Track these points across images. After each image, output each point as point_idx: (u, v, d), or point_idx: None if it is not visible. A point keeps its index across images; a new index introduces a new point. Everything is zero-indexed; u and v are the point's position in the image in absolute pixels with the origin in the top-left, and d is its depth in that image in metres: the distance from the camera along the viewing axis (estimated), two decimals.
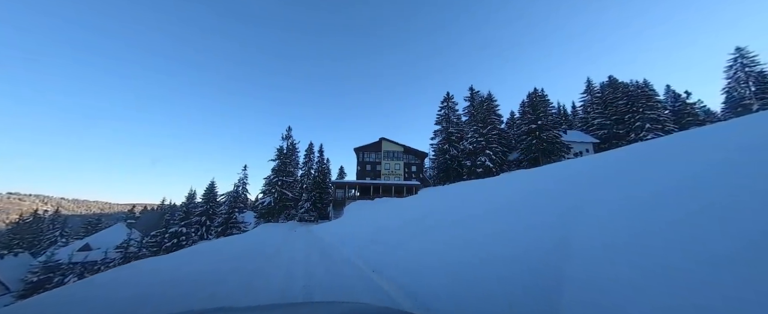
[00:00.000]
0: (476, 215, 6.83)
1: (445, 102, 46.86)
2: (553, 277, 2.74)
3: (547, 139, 32.72)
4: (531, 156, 34.21)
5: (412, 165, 40.99)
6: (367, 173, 39.54)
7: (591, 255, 2.77)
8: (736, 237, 2.08)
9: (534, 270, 3.04)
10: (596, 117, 43.62)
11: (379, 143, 40.48)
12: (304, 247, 10.68)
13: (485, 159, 35.16)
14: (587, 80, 48.26)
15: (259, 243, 12.40)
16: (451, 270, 4.06)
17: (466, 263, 4.09)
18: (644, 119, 36.98)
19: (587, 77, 48.33)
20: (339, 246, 10.45)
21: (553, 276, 2.76)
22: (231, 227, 28.87)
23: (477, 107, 42.26)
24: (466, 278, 3.62)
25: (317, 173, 54.71)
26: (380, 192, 34.42)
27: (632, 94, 39.14)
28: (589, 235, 3.20)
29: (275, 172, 31.07)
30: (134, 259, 24.74)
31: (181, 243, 25.47)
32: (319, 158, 56.49)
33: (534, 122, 33.69)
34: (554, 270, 2.85)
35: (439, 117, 47.36)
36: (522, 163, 36.54)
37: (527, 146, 33.95)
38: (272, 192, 29.91)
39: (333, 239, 13.12)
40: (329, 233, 15.14)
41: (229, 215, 29.30)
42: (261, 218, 30.48)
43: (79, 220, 53.69)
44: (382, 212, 21.06)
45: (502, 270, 3.37)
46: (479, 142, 36.20)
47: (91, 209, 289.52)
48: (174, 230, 25.53)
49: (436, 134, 49.97)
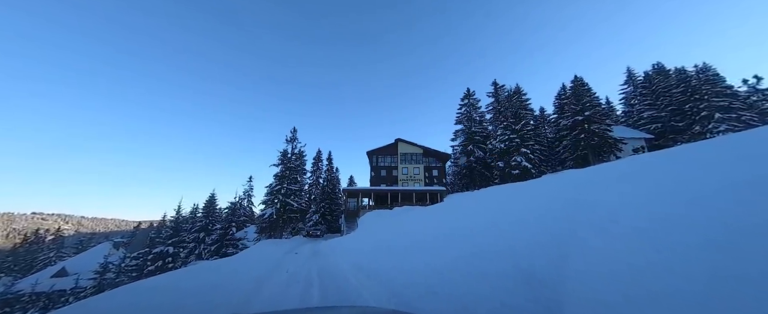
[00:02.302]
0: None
1: (465, 99, 42.29)
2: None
3: (598, 132, 27.35)
4: (578, 154, 28.76)
5: (433, 169, 36.11)
6: (381, 180, 34.92)
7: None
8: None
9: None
10: (644, 109, 37.81)
11: (394, 145, 36.00)
12: (301, 289, 6.12)
13: (521, 159, 29.96)
14: (627, 69, 42.78)
15: (232, 276, 7.90)
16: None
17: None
18: (712, 108, 31.08)
19: (627, 67, 42.88)
20: (358, 285, 5.82)
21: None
22: (227, 245, 24.65)
23: (504, 102, 37.42)
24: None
25: (326, 183, 50.55)
26: (399, 200, 29.61)
27: (691, 80, 33.42)
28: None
29: (278, 179, 26.91)
30: (110, 287, 20.66)
31: (166, 265, 21.37)
32: (328, 167, 52.40)
33: (580, 113, 28.46)
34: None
35: (460, 116, 42.69)
36: (566, 162, 31.08)
37: (574, 141, 28.60)
38: (274, 203, 25.65)
39: (345, 263, 8.52)
40: (342, 252, 10.55)
41: (225, 231, 25.13)
42: (262, 233, 26.09)
43: (74, 240, 50.97)
44: (409, 224, 16.25)
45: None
46: (512, 140, 31.13)
47: (108, 227, 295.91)
48: (159, 251, 21.51)
49: (457, 135, 45.17)
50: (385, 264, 7.03)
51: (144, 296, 5.73)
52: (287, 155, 28.72)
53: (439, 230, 9.08)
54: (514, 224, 5.17)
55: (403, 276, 5.39)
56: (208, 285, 6.73)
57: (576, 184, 6.77)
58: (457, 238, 6.40)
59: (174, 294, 5.78)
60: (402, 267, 6.05)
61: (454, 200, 26.98)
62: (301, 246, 17.61)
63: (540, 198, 6.53)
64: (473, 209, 11.38)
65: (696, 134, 31.98)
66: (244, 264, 10.27)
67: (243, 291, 6.01)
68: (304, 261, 10.06)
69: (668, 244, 2.48)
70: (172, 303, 5.20)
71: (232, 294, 5.83)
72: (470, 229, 6.59)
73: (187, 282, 7.13)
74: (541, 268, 3.21)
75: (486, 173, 37.80)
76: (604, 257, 2.82)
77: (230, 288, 6.38)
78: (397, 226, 17.30)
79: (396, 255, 7.61)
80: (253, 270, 8.73)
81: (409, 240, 9.19)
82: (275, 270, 8.97)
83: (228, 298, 5.43)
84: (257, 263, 10.43)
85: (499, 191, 21.92)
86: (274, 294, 5.88)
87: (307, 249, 15.15)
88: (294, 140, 29.83)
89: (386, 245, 9.43)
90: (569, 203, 4.75)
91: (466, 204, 19.18)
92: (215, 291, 6.01)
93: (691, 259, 2.19)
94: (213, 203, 36.51)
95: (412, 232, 11.30)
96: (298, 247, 16.21)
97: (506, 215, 6.29)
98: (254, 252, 13.80)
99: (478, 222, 6.97)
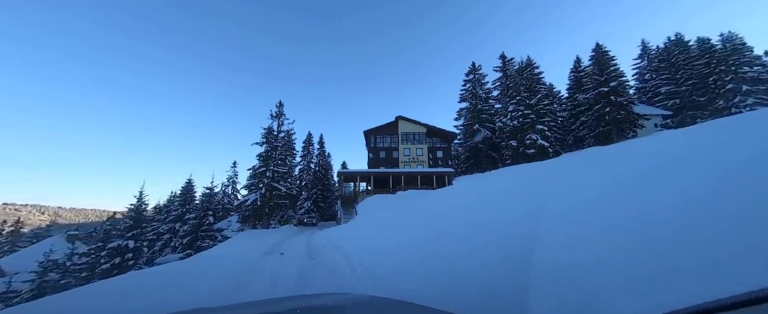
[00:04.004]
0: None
1: (470, 74, 38.70)
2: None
3: (626, 105, 24.47)
4: (600, 130, 25.93)
5: (437, 150, 32.82)
6: (381, 162, 31.45)
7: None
8: None
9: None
10: (661, 84, 35.27)
11: (394, 123, 32.34)
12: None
13: (537, 137, 26.98)
14: (641, 42, 39.93)
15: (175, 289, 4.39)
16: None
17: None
18: (738, 81, 28.65)
19: (641, 40, 39.99)
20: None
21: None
22: (202, 237, 20.96)
23: (514, 76, 34.03)
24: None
25: (318, 168, 46.71)
26: (402, 184, 26.31)
27: (716, 51, 30.78)
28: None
29: (262, 159, 22.98)
30: (53, 290, 16.76)
31: (126, 262, 17.59)
32: (319, 150, 48.40)
33: (604, 84, 25.40)
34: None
35: (464, 93, 39.20)
36: (584, 141, 28.32)
37: (597, 116, 25.65)
38: (258, 187, 21.86)
39: (358, 268, 5.12)
40: (348, 249, 7.13)
41: (201, 221, 21.32)
42: (244, 222, 22.42)
43: (35, 232, 45.84)
44: (424, 211, 12.92)
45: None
46: (526, 116, 28.00)
47: (89, 217, 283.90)
48: (116, 246, 17.61)
49: (461, 114, 41.82)
50: (420, 270, 3.80)
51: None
52: (273, 132, 24.66)
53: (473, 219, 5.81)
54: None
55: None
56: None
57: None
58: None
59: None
60: (448, 279, 2.89)
61: (467, 183, 23.91)
62: (290, 238, 14.11)
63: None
64: (506, 194, 8.12)
65: (719, 109, 29.69)
66: (186, 274, 6.69)
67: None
68: (294, 269, 6.56)
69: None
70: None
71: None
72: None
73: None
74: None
75: (493, 155, 34.90)
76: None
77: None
78: (409, 214, 13.98)
79: (428, 255, 4.34)
80: (217, 271, 5.17)
81: (434, 232, 5.90)
82: (245, 281, 5.46)
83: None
84: (206, 275, 6.85)
85: (526, 170, 18.76)
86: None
87: (299, 243, 11.66)
88: (280, 116, 25.70)
89: (406, 240, 6.12)
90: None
91: (487, 187, 16.02)
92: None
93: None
94: (190, 190, 32.27)
95: (433, 221, 7.97)
96: (286, 241, 12.69)
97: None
98: (222, 250, 10.23)
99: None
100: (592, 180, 5.52)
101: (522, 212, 4.86)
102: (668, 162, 4.56)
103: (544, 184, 7.63)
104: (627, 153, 8.27)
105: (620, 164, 6.24)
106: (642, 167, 4.89)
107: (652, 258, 2.07)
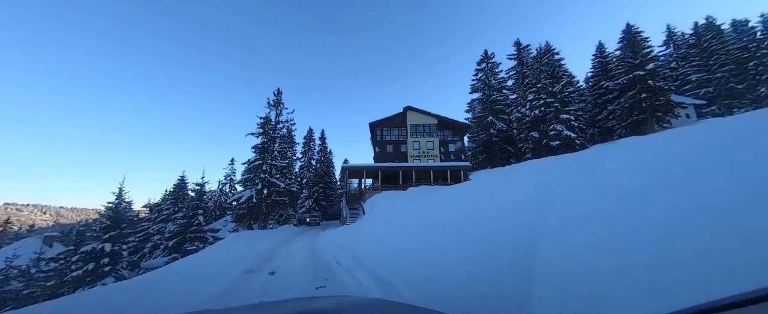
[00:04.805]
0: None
1: (482, 63, 36.09)
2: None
3: (666, 90, 21.85)
4: (634, 119, 23.30)
5: (449, 143, 30.31)
6: (387, 157, 28.99)
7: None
8: None
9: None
10: (691, 72, 32.55)
11: (403, 114, 29.84)
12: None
13: (562, 127, 24.42)
14: (667, 28, 37.17)
15: None
16: None
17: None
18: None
19: (666, 25, 37.23)
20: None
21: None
22: (192, 239, 18.58)
23: (532, 63, 31.43)
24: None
25: (319, 164, 44.27)
26: (413, 180, 23.87)
27: (756, 33, 28.07)
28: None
29: (259, 152, 20.54)
30: (12, 301, 14.43)
31: (101, 267, 15.26)
32: (321, 147, 45.97)
33: (639, 67, 22.77)
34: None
35: (476, 83, 36.62)
36: (614, 132, 25.70)
37: (630, 104, 23.02)
38: (254, 182, 19.45)
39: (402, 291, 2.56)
40: (364, 256, 4.60)
41: (189, 220, 18.92)
42: (239, 222, 20.01)
43: (17, 234, 43.72)
44: (454, 209, 10.40)
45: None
46: (549, 105, 25.41)
47: (90, 217, 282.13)
48: (90, 249, 15.25)
49: (472, 106, 39.28)
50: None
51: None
52: (270, 122, 22.22)
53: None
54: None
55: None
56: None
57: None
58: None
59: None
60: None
61: (488, 178, 21.38)
62: (289, 241, 11.66)
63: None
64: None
65: (762, 97, 27.03)
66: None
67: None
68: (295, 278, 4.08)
69: None
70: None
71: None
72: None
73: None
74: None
75: (509, 149, 32.36)
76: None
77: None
78: (433, 213, 11.39)
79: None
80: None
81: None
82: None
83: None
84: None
85: (564, 163, 15.78)
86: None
87: (300, 250, 9.22)
88: (278, 105, 23.25)
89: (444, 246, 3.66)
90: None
91: (501, 180, 13.43)
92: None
93: None
94: (182, 188, 29.95)
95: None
96: (284, 247, 10.23)
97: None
98: (195, 260, 7.82)
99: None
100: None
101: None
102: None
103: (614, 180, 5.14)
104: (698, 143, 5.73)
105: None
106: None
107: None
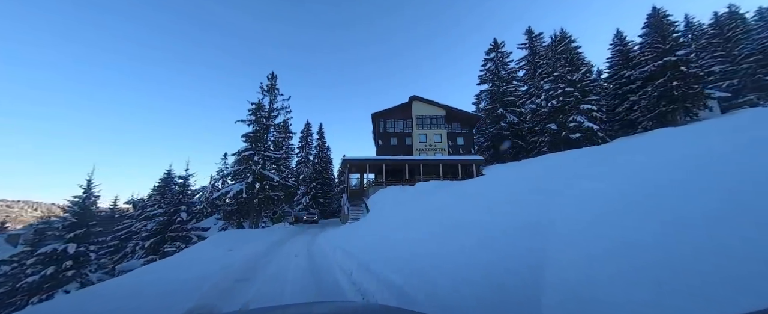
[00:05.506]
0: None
1: (491, 52, 34.02)
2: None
3: (700, 77, 19.94)
4: (662, 110, 21.39)
5: (458, 136, 28.24)
6: (391, 150, 26.88)
7: None
8: None
9: None
10: (712, 63, 30.72)
11: (408, 105, 27.69)
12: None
13: (582, 119, 22.48)
14: (685, 18, 35.32)
15: None
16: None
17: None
18: None
19: (684, 15, 35.38)
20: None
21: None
22: (173, 239, 16.36)
23: (546, 52, 29.39)
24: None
25: (317, 159, 42.04)
26: (421, 174, 21.79)
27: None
28: None
29: (251, 141, 18.31)
30: None
31: (62, 271, 13.02)
32: (319, 141, 43.72)
33: (669, 53, 20.81)
34: None
35: (485, 74, 34.56)
36: (638, 124, 23.80)
37: (660, 93, 21.09)
38: (245, 175, 17.25)
39: None
40: (380, 269, 2.40)
41: (170, 218, 16.67)
42: (227, 219, 17.81)
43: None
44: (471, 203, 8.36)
45: None
46: (569, 94, 23.44)
47: None
48: (50, 251, 12.99)
49: (480, 98, 37.27)
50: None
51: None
52: (263, 109, 19.95)
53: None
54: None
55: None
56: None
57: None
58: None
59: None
60: None
61: (505, 173, 19.36)
62: (281, 245, 9.50)
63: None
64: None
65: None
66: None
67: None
68: None
69: None
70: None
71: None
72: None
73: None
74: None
75: (519, 143, 30.45)
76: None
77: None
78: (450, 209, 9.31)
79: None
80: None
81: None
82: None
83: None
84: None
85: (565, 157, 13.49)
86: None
87: (295, 258, 7.10)
88: (273, 90, 20.96)
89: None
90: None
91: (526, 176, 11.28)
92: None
93: None
94: (169, 182, 27.58)
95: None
96: (273, 252, 8.08)
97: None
98: (141, 275, 5.67)
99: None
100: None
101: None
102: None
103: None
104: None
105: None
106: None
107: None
